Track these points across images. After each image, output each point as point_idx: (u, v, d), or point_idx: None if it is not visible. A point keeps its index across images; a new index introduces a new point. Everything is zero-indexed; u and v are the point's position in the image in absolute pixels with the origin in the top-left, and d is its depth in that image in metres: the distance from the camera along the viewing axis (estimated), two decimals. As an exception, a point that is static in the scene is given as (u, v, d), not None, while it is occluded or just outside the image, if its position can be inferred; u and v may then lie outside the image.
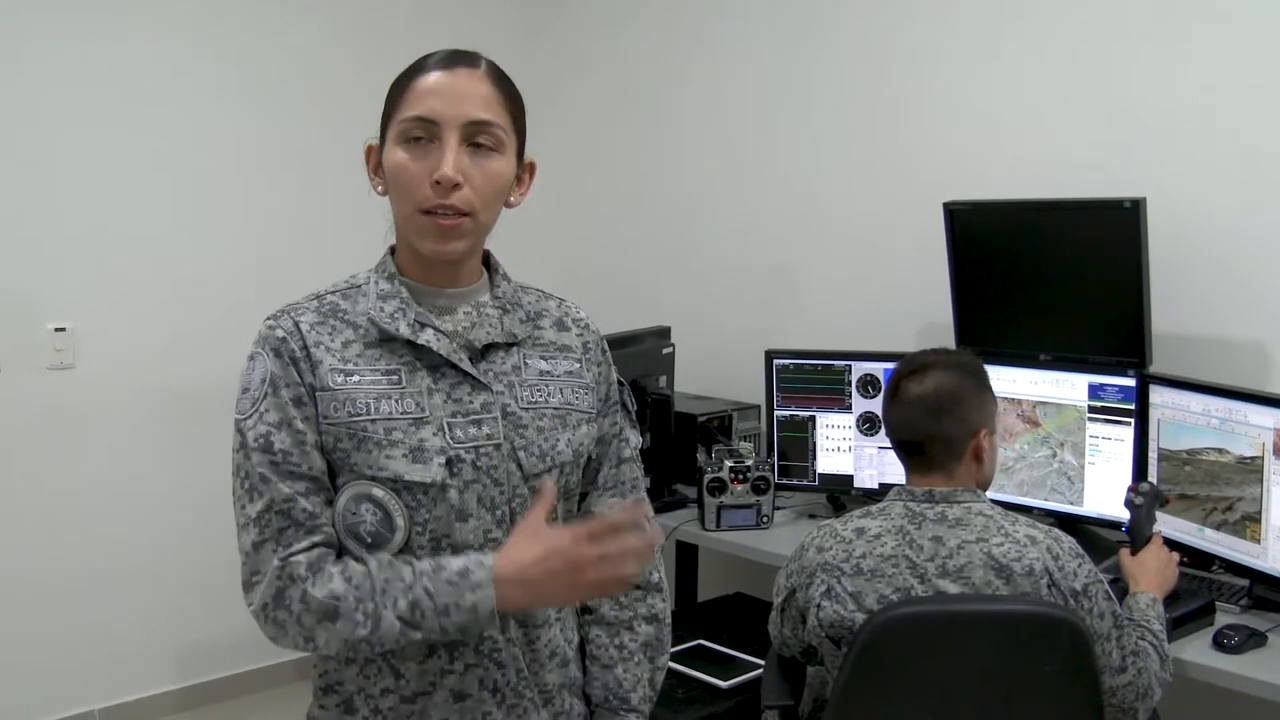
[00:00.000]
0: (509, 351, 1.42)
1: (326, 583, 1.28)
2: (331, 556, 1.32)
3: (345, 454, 1.33)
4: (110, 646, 3.53)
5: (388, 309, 1.38)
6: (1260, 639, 2.11)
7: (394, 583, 1.28)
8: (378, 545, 1.33)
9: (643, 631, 1.54)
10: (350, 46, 3.74)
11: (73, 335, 3.42)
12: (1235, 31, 2.56)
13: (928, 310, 3.09)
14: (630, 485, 1.55)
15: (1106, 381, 2.55)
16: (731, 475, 2.89)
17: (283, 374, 1.33)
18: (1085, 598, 1.86)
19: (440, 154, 1.31)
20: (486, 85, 1.36)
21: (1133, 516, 2.24)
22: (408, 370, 1.36)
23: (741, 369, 3.45)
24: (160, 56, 3.50)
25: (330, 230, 3.72)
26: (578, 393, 1.46)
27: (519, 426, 1.39)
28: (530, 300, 1.50)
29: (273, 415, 1.32)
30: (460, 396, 1.37)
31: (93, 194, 3.42)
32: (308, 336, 1.35)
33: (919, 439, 1.98)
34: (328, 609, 1.28)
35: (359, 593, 1.28)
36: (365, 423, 1.33)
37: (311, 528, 1.31)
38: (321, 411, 1.33)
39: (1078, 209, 2.65)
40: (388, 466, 1.32)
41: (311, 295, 1.42)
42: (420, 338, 1.36)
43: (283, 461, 1.31)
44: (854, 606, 1.92)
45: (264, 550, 1.31)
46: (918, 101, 3.17)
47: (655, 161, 3.93)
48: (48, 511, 3.40)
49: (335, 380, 1.34)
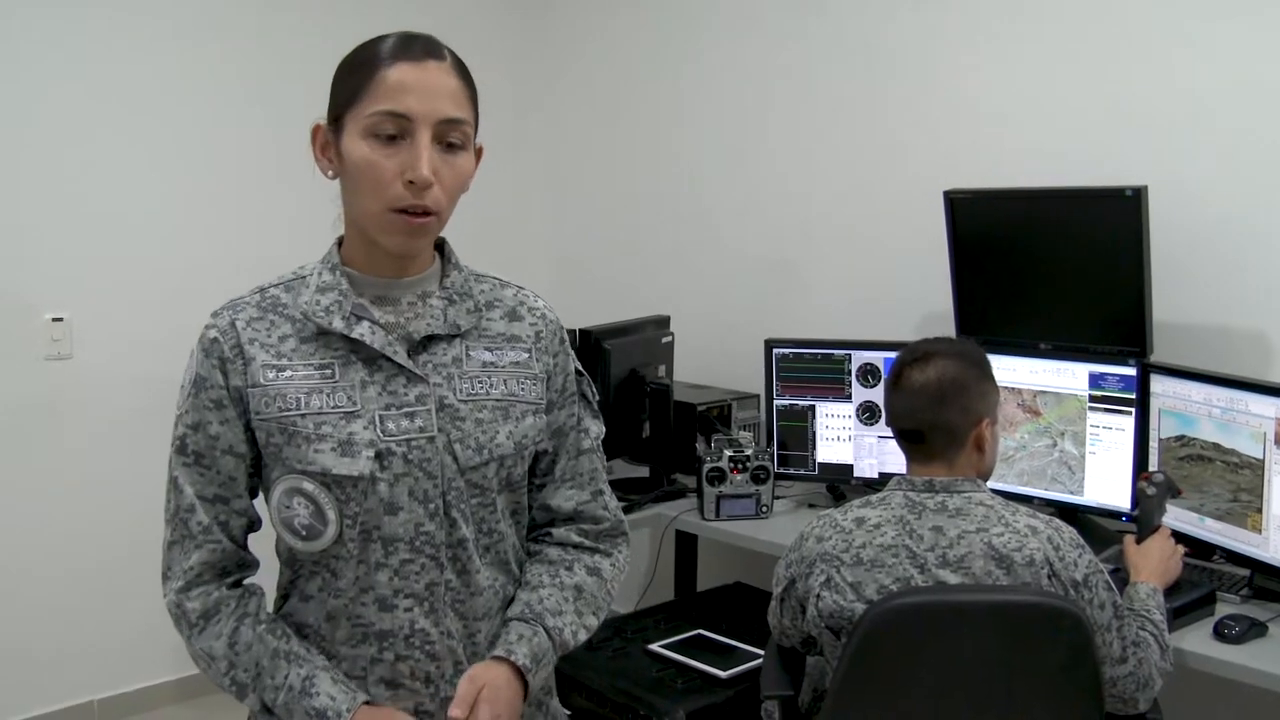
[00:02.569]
0: (451, 343, 1.41)
1: (210, 639, 1.36)
2: (232, 599, 1.38)
3: (277, 448, 1.35)
4: (108, 637, 3.52)
5: (324, 302, 1.37)
6: (1261, 629, 2.11)
7: (266, 676, 1.35)
8: (311, 538, 1.35)
9: (579, 575, 1.50)
10: (347, 41, 3.70)
11: (69, 325, 3.40)
12: (1236, 20, 2.54)
13: (928, 299, 3.08)
14: (589, 477, 1.54)
15: (1107, 371, 2.54)
16: (731, 465, 2.88)
17: (208, 375, 1.37)
18: (1086, 588, 1.86)
19: (413, 152, 1.30)
20: (454, 79, 1.34)
21: (1142, 505, 2.23)
22: (341, 364, 1.36)
23: (741, 358, 3.44)
24: (158, 50, 3.49)
25: (327, 223, 3.70)
26: (524, 384, 1.44)
27: (456, 419, 1.37)
28: (483, 289, 1.47)
29: (191, 417, 1.38)
30: (395, 389, 1.36)
31: (90, 184, 3.40)
32: (242, 334, 1.37)
33: (921, 428, 1.97)
34: (200, 659, 1.38)
35: (236, 660, 1.36)
36: (295, 417, 1.34)
37: (201, 542, 1.37)
38: (254, 408, 1.35)
39: (1079, 198, 2.63)
40: (316, 460, 1.33)
41: (256, 288, 1.43)
42: (354, 331, 1.36)
43: (194, 464, 1.37)
44: (854, 596, 1.91)
45: (174, 551, 1.39)
46: (918, 90, 3.15)
47: (654, 151, 3.91)
48: (44, 502, 3.39)
49: (267, 376, 1.35)
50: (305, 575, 1.40)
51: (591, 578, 1.51)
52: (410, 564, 1.36)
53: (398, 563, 1.36)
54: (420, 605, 1.37)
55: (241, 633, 1.36)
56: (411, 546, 1.36)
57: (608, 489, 1.57)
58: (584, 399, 1.54)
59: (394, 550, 1.35)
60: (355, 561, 1.36)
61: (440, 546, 1.37)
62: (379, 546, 1.35)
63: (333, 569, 1.37)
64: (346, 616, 1.37)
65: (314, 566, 1.39)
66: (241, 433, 1.36)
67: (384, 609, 1.37)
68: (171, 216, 3.55)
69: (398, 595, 1.37)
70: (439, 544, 1.37)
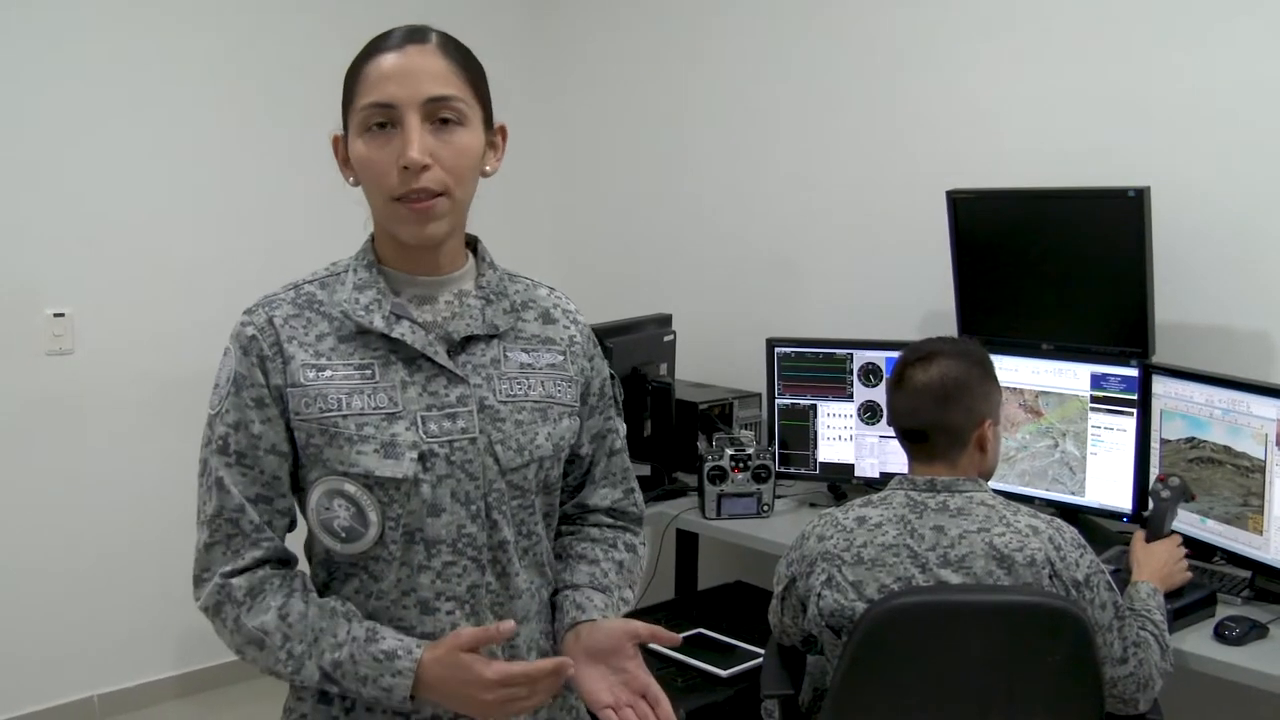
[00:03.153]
0: (489, 344, 1.40)
1: (260, 614, 1.31)
2: (277, 577, 1.34)
3: (318, 450, 1.32)
4: (109, 632, 3.53)
5: (363, 300, 1.36)
6: (1261, 630, 2.11)
7: (326, 636, 1.30)
8: (351, 540, 1.33)
9: (622, 552, 1.54)
10: (352, 36, 3.66)
11: (71, 320, 3.41)
12: (1240, 20, 2.54)
13: (930, 299, 3.08)
14: (621, 475, 1.56)
15: (1109, 371, 2.54)
16: (732, 463, 2.88)
17: (247, 374, 1.33)
18: (1087, 588, 1.86)
19: (403, 138, 1.29)
20: (439, 59, 1.32)
21: (1155, 508, 2.22)
22: (382, 364, 1.34)
23: (743, 357, 3.44)
24: (161, 43, 3.49)
25: (330, 216, 3.69)
26: (560, 385, 1.44)
27: (496, 420, 1.37)
28: (518, 290, 1.46)
29: (232, 416, 1.33)
30: (436, 390, 1.35)
31: (92, 179, 3.40)
32: (280, 332, 1.34)
33: (923, 427, 1.97)
34: (254, 638, 1.31)
35: (290, 632, 1.31)
36: (336, 418, 1.31)
37: (256, 540, 1.33)
38: (293, 408, 1.33)
39: (1081, 198, 2.63)
40: (359, 462, 1.31)
41: (289, 285, 1.40)
42: (395, 331, 1.34)
43: (236, 463, 1.33)
44: (854, 595, 1.91)
45: (214, 552, 1.33)
46: (921, 90, 3.15)
47: (657, 150, 3.91)
48: (45, 497, 3.39)
49: (307, 376, 1.33)
50: (341, 577, 1.38)
51: (630, 554, 1.55)
52: (452, 566, 1.35)
53: (440, 565, 1.34)
54: (462, 608, 1.36)
55: (293, 603, 1.32)
56: (454, 549, 1.34)
57: (636, 485, 1.60)
58: (615, 401, 1.56)
59: (436, 552, 1.34)
60: (397, 564, 1.34)
61: (482, 548, 1.36)
62: (421, 549, 1.34)
63: (371, 571, 1.35)
64: (387, 619, 1.35)
65: (350, 569, 1.37)
66: (284, 431, 1.34)
67: (425, 612, 1.35)
68: (173, 212, 3.55)
69: (439, 598, 1.35)
70: (480, 546, 1.36)
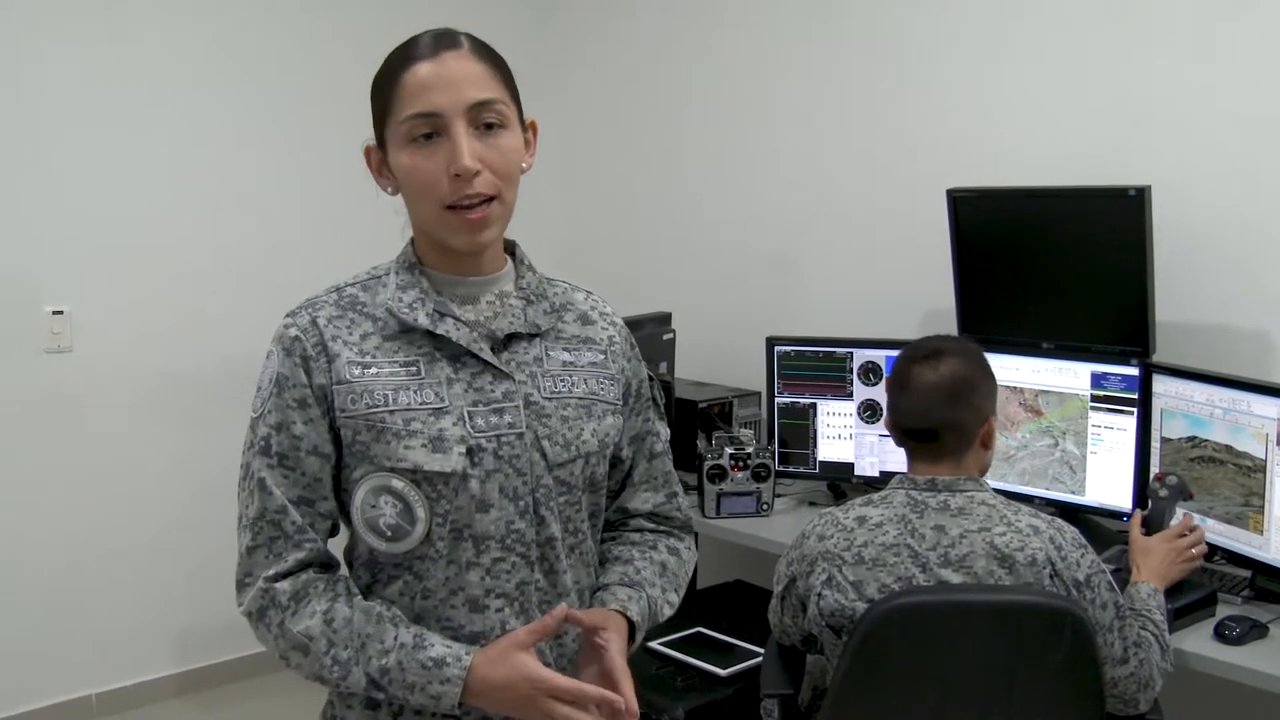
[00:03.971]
0: (531, 342, 1.41)
1: (305, 619, 1.30)
2: (321, 581, 1.33)
3: (364, 446, 1.32)
4: (107, 631, 3.52)
5: (406, 299, 1.36)
6: (1262, 630, 2.10)
7: (373, 642, 1.30)
8: (398, 539, 1.32)
9: (664, 554, 1.52)
10: (354, 35, 3.70)
11: (70, 318, 3.40)
12: (1242, 19, 2.54)
13: (930, 298, 3.07)
14: (663, 479, 1.56)
15: (1109, 370, 2.54)
16: (732, 462, 2.88)
17: (290, 375, 1.33)
18: (1088, 588, 1.85)
19: (451, 146, 1.29)
20: (476, 63, 1.32)
21: (1153, 507, 2.21)
22: (426, 361, 1.35)
23: (742, 355, 3.43)
24: (161, 42, 3.48)
25: (330, 216, 3.70)
26: (603, 383, 1.44)
27: (542, 416, 1.37)
28: (556, 292, 1.48)
29: (274, 417, 1.33)
30: (481, 386, 1.35)
31: (92, 177, 3.40)
32: (325, 331, 1.34)
33: (934, 427, 1.96)
34: (299, 644, 1.30)
35: (335, 637, 1.30)
36: (384, 414, 1.32)
37: (299, 542, 1.33)
38: (339, 405, 1.33)
39: (1082, 197, 2.63)
40: (407, 457, 1.31)
41: (331, 288, 1.41)
42: (439, 328, 1.35)
43: (279, 465, 1.33)
44: (855, 595, 1.91)
45: (256, 555, 1.33)
46: (921, 88, 3.15)
47: (657, 147, 3.91)
48: (44, 495, 3.39)
49: (353, 373, 1.33)
50: (384, 579, 1.37)
51: (673, 557, 1.53)
52: (501, 563, 1.34)
53: (489, 561, 1.34)
54: (511, 605, 1.35)
55: (338, 608, 1.31)
56: (503, 545, 1.34)
57: (680, 490, 1.58)
58: (654, 403, 1.55)
59: (485, 549, 1.34)
60: (445, 562, 1.34)
61: (530, 545, 1.36)
62: (470, 545, 1.33)
63: (416, 571, 1.34)
64: (435, 619, 1.34)
65: (394, 570, 1.36)
66: (326, 432, 1.34)
67: (475, 610, 1.34)
68: (172, 209, 3.54)
69: (489, 595, 1.34)
70: (529, 542, 1.35)
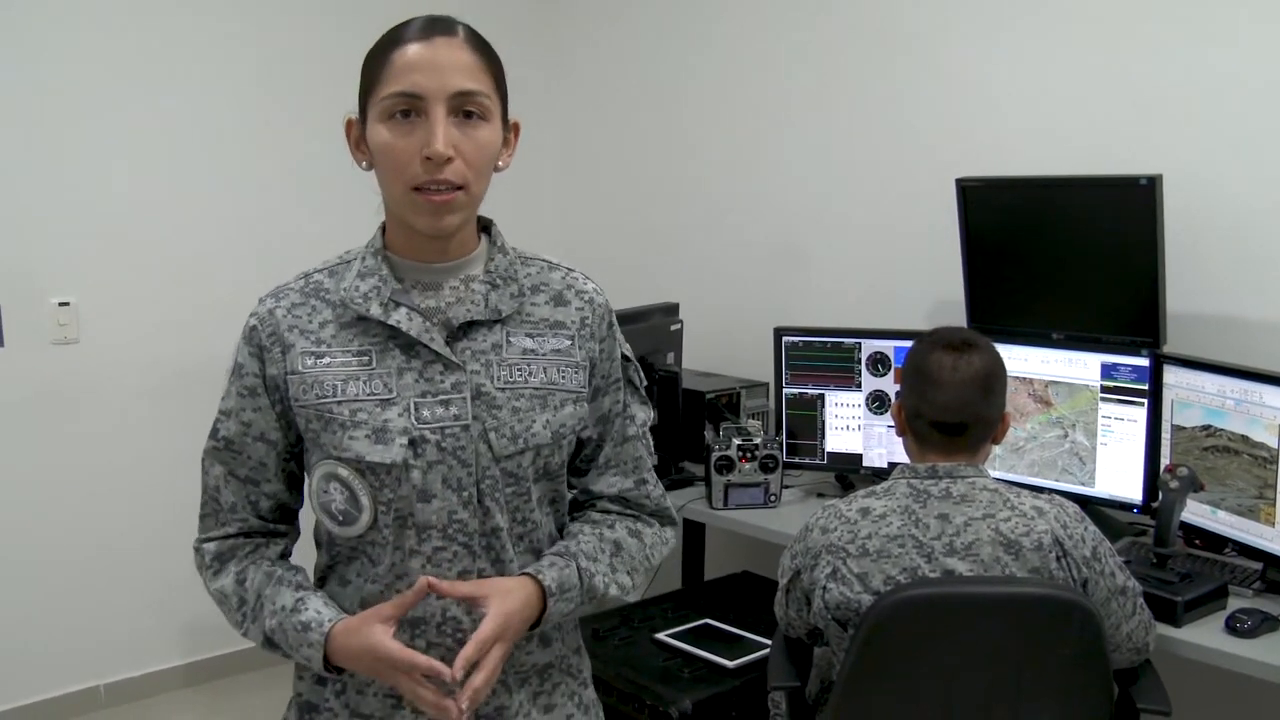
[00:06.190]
0: (492, 329, 1.40)
1: (222, 578, 1.42)
2: (247, 545, 1.44)
3: (315, 434, 1.37)
4: (115, 622, 3.53)
5: (363, 287, 1.38)
6: (1273, 623, 2.08)
7: (267, 603, 1.39)
8: (347, 523, 1.38)
9: (620, 533, 1.49)
10: (355, 23, 3.66)
11: (76, 310, 3.40)
12: (1254, 8, 2.51)
13: (939, 288, 3.05)
14: (632, 465, 1.52)
15: (1120, 361, 2.52)
16: (739, 453, 2.86)
17: (245, 363, 1.40)
18: (1096, 560, 1.87)
19: (428, 128, 1.29)
20: (467, 53, 1.32)
21: (1164, 499, 2.18)
22: (379, 350, 1.37)
23: (750, 346, 3.42)
24: (163, 34, 3.47)
25: (333, 206, 3.68)
26: (564, 372, 1.43)
27: (492, 407, 1.37)
28: (530, 273, 1.46)
29: (228, 403, 1.42)
30: (432, 376, 1.36)
31: (97, 169, 3.40)
32: (281, 322, 1.39)
33: (968, 420, 1.94)
34: (216, 598, 1.43)
35: (244, 594, 1.41)
36: (331, 404, 1.36)
37: (227, 520, 1.43)
38: (293, 395, 1.38)
39: (1092, 186, 2.61)
40: (350, 447, 1.34)
41: (301, 274, 1.44)
42: (391, 318, 1.36)
43: (225, 449, 1.42)
44: (860, 588, 1.90)
45: (204, 524, 1.46)
46: (930, 78, 3.12)
47: (664, 138, 3.89)
48: (51, 486, 3.39)
49: (305, 364, 1.37)
50: (343, 560, 1.42)
51: (632, 539, 1.50)
52: (443, 551, 1.36)
53: (430, 550, 1.36)
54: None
55: (250, 571, 1.41)
56: (444, 534, 1.36)
57: (652, 477, 1.55)
58: (630, 385, 1.53)
59: (427, 537, 1.36)
60: (391, 548, 1.37)
61: (474, 535, 1.37)
62: (413, 534, 1.36)
63: (370, 555, 1.39)
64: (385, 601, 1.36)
65: (351, 551, 1.41)
66: (274, 420, 1.40)
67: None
68: (178, 201, 3.54)
69: None
70: (472, 532, 1.37)
